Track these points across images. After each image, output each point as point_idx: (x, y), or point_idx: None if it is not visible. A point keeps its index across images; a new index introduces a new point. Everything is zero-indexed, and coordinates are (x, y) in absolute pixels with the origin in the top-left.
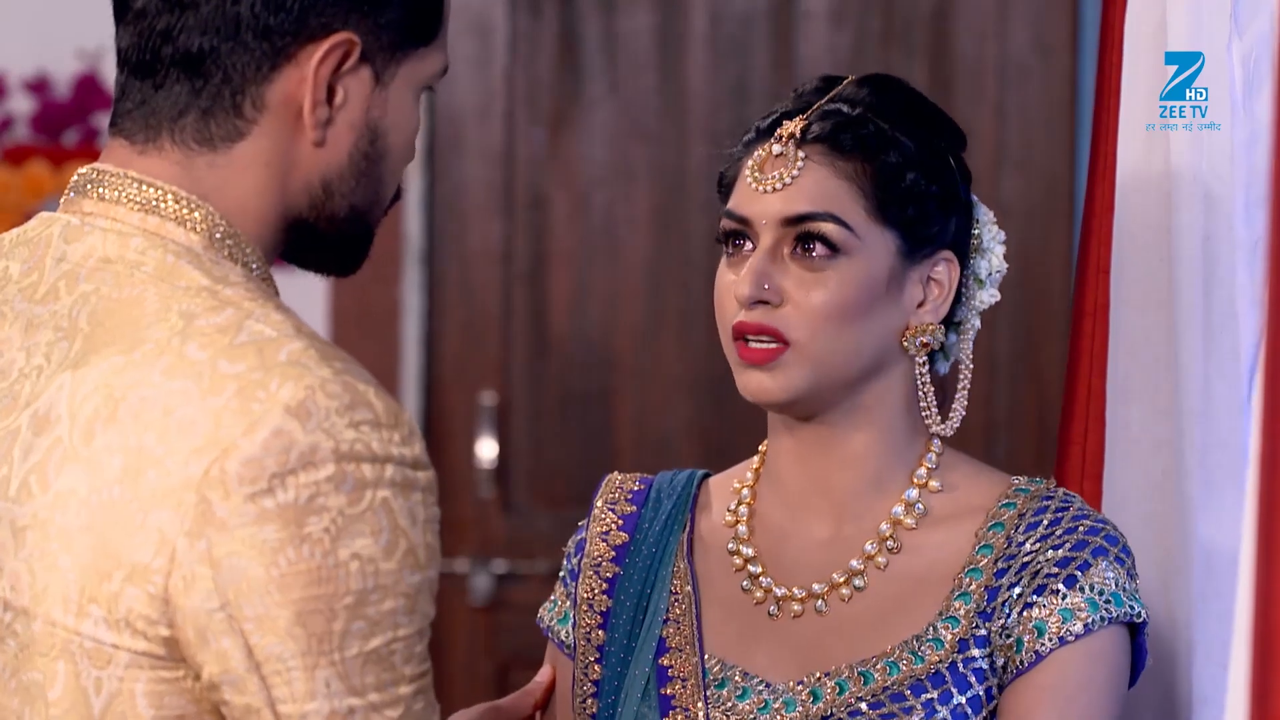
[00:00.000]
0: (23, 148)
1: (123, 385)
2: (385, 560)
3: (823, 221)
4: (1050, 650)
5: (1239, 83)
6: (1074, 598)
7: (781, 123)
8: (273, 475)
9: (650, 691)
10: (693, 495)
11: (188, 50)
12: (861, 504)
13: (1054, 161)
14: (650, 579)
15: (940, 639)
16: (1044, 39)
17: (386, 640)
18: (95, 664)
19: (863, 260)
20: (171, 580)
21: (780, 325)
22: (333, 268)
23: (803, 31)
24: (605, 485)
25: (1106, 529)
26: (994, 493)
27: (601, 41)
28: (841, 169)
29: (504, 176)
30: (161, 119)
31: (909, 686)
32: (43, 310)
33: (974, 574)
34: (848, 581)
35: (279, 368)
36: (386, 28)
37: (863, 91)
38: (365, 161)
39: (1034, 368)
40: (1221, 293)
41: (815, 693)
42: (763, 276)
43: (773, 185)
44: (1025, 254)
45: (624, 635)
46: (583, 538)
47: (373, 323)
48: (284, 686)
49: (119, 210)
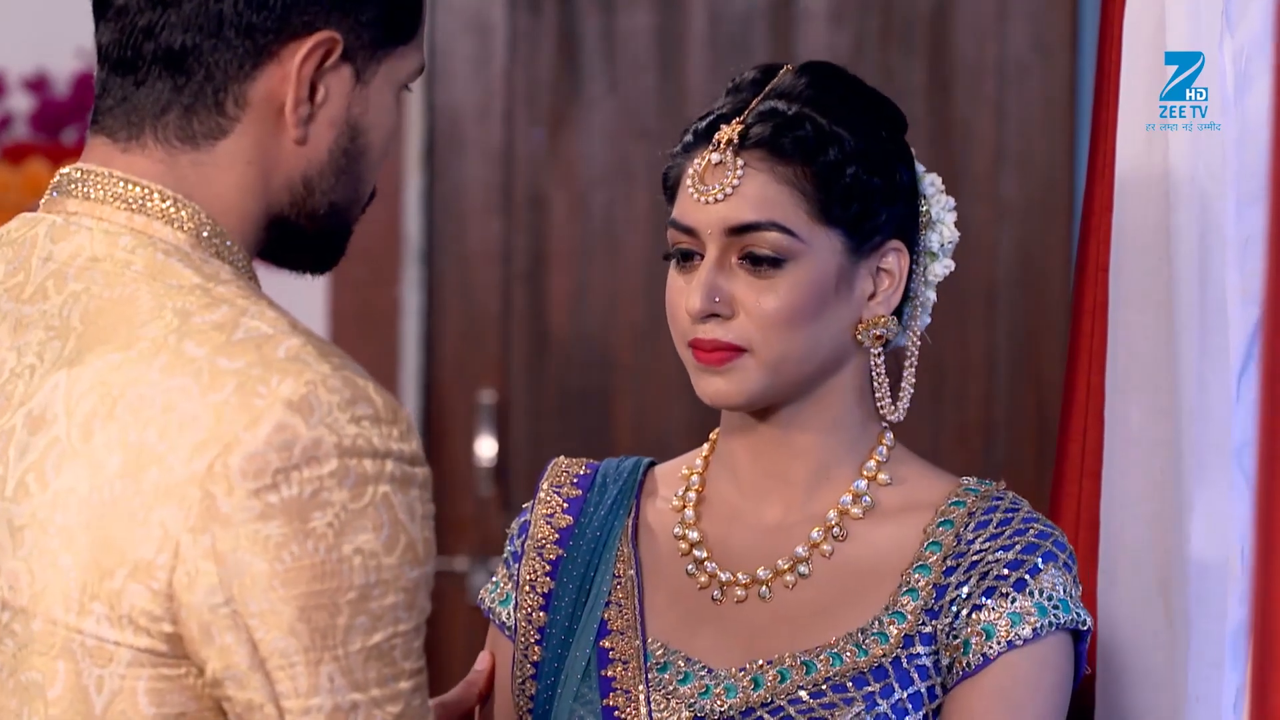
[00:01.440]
0: (22, 146)
1: (120, 382)
2: (387, 555)
3: (766, 230)
4: (999, 654)
5: (1231, 80)
6: (1023, 602)
7: (719, 126)
8: (276, 470)
9: (591, 673)
10: (639, 481)
11: (169, 47)
12: (810, 492)
13: (1053, 160)
14: (594, 562)
15: (885, 633)
16: (1043, 38)
17: (388, 635)
18: (96, 662)
19: (810, 263)
20: (175, 576)
21: (734, 338)
22: (310, 265)
23: (802, 31)
24: (551, 469)
25: (1055, 534)
26: (943, 490)
27: (601, 41)
28: (781, 174)
29: (503, 176)
30: (144, 116)
31: (851, 678)
32: (31, 310)
33: (922, 570)
34: (792, 568)
35: (279, 364)
36: (367, 26)
37: (800, 83)
38: (345, 159)
39: (1033, 366)
40: (1214, 291)
41: (757, 680)
42: (713, 289)
43: (714, 196)
44: (1024, 253)
45: (565, 617)
46: (527, 520)
47: (372, 322)
48: (288, 682)
49: (105, 209)
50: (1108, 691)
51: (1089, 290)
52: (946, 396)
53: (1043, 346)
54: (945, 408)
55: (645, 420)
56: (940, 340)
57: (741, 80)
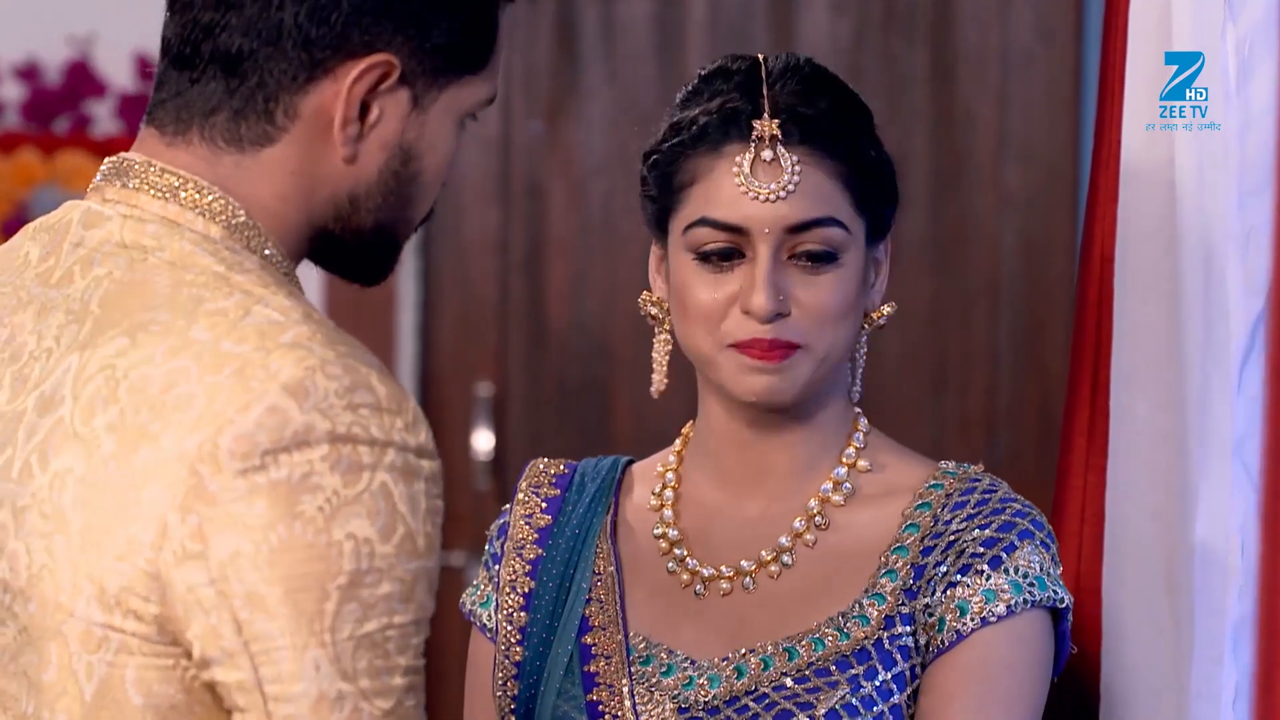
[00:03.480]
0: (12, 135)
1: (125, 365)
2: (382, 543)
3: (827, 227)
4: (972, 630)
5: (1233, 70)
6: (998, 579)
7: (746, 120)
8: (265, 452)
9: (574, 668)
10: (617, 479)
11: (227, 50)
12: (794, 483)
13: (1057, 150)
14: (573, 559)
15: (866, 616)
16: (1047, 25)
17: (381, 625)
18: (86, 648)
19: (854, 255)
20: (162, 555)
21: (794, 336)
22: (356, 276)
23: (803, 18)
24: (529, 470)
25: (1033, 514)
26: (921, 474)
27: (600, 29)
28: (830, 168)
29: (501, 165)
30: (193, 113)
31: (834, 662)
32: (56, 294)
33: (900, 551)
34: (776, 559)
35: (280, 348)
36: (432, 52)
37: (792, 77)
38: (395, 181)
39: (1037, 359)
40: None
41: (740, 669)
42: (777, 288)
43: (774, 194)
44: (1028, 243)
45: (546, 615)
46: (505, 521)
47: (367, 313)
48: (271, 666)
49: (140, 198)
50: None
51: (1093, 281)
52: (949, 389)
53: (1046, 338)
54: (947, 400)
55: (645, 413)
56: (942, 332)
57: (724, 71)
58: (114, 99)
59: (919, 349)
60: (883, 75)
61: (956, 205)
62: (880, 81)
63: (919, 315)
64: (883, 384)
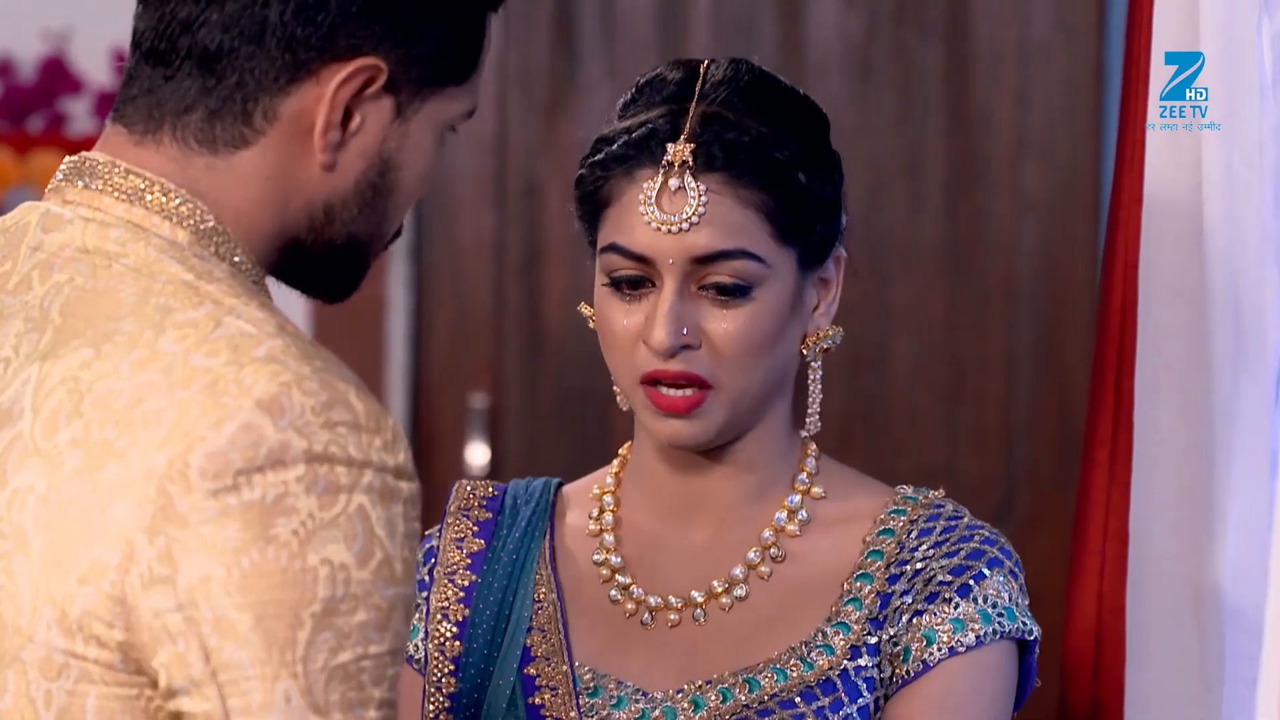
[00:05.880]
0: None
1: (89, 378)
2: (358, 569)
3: (735, 259)
4: (939, 660)
5: (1270, 64)
6: (966, 608)
7: (662, 144)
8: (238, 472)
9: (516, 700)
10: (550, 503)
11: (206, 46)
12: (742, 513)
13: (1078, 149)
14: (511, 586)
15: (831, 645)
16: (1067, 18)
17: (356, 656)
18: (45, 675)
19: (774, 287)
20: (128, 579)
21: (701, 370)
22: (321, 292)
23: (811, 11)
24: (456, 491)
25: (1001, 542)
26: (880, 500)
27: (599, 21)
28: (744, 198)
29: (496, 164)
30: (165, 111)
31: (799, 693)
32: (13, 301)
33: (865, 579)
34: (728, 590)
35: (254, 363)
36: (418, 61)
37: (733, 87)
38: (372, 192)
39: (1057, 368)
40: (1249, 287)
41: (696, 701)
42: (680, 321)
43: (678, 225)
44: (1048, 247)
45: (484, 645)
46: (433, 545)
47: (356, 320)
48: (240, 697)
49: (103, 200)
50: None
51: (1116, 287)
52: (964, 399)
53: (1067, 347)
54: (962, 411)
55: None
56: (957, 340)
57: (659, 81)
58: (91, 97)
59: (932, 357)
60: (895, 71)
61: (972, 207)
62: (892, 78)
63: (933, 322)
64: (894, 394)
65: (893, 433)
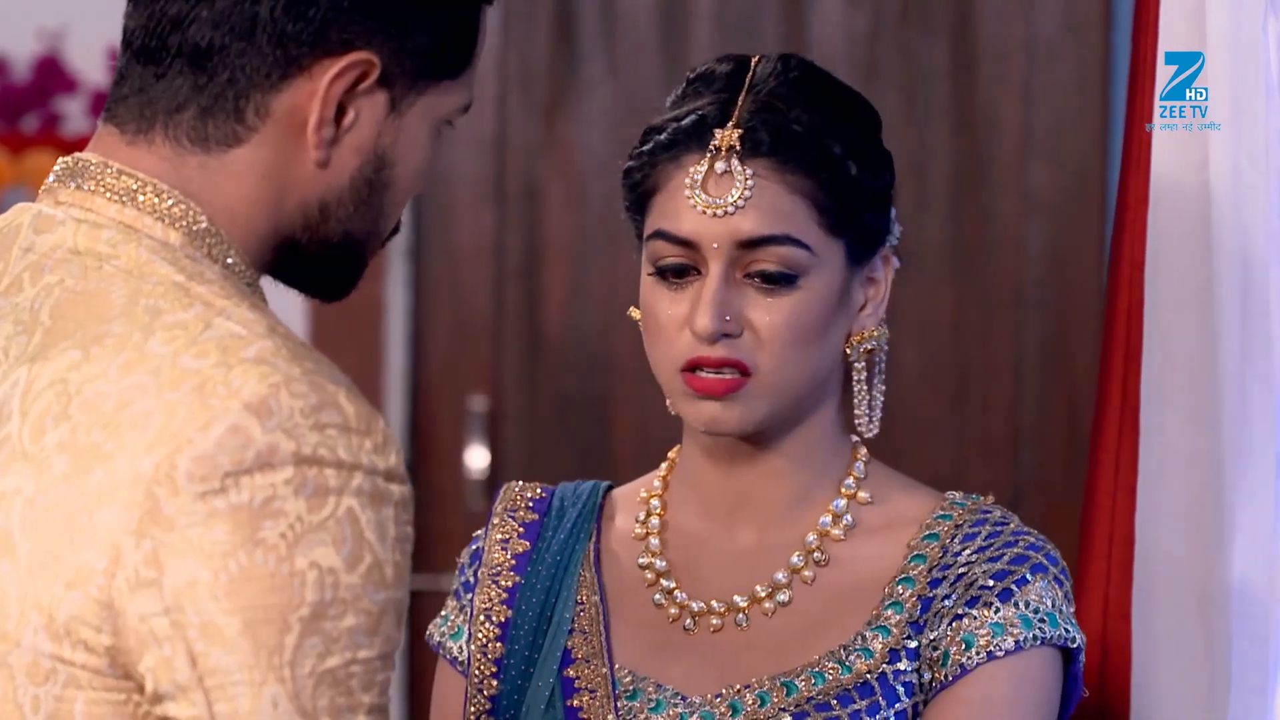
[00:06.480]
0: None
1: (78, 380)
2: (347, 573)
3: (781, 245)
4: (977, 664)
5: (1275, 65)
6: (1007, 612)
7: (709, 129)
8: (226, 474)
9: (555, 703)
10: (598, 505)
11: (196, 43)
12: (787, 515)
13: (1085, 150)
14: (555, 588)
15: (870, 649)
16: (1075, 17)
17: (345, 661)
18: (33, 680)
19: (820, 277)
20: (115, 583)
21: (743, 356)
22: (318, 291)
23: (815, 9)
24: (504, 493)
25: (1047, 548)
26: (927, 505)
27: (600, 20)
28: (792, 184)
29: (495, 165)
30: (157, 110)
31: (835, 696)
32: (4, 303)
33: (907, 583)
34: (771, 595)
35: (243, 364)
36: (412, 55)
37: (784, 79)
38: (367, 189)
39: (1063, 372)
40: (1257, 290)
41: (734, 705)
42: (724, 307)
43: (724, 209)
44: (1054, 249)
45: (525, 646)
46: (479, 547)
47: (354, 323)
48: (226, 703)
49: (95, 201)
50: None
51: (1123, 290)
52: (970, 404)
53: (1073, 351)
54: (969, 416)
55: (647, 428)
56: (963, 343)
57: (711, 73)
58: (86, 96)
59: (938, 361)
60: (900, 70)
61: (978, 209)
62: (898, 77)
63: (938, 326)
64: (900, 399)
65: (898, 438)
